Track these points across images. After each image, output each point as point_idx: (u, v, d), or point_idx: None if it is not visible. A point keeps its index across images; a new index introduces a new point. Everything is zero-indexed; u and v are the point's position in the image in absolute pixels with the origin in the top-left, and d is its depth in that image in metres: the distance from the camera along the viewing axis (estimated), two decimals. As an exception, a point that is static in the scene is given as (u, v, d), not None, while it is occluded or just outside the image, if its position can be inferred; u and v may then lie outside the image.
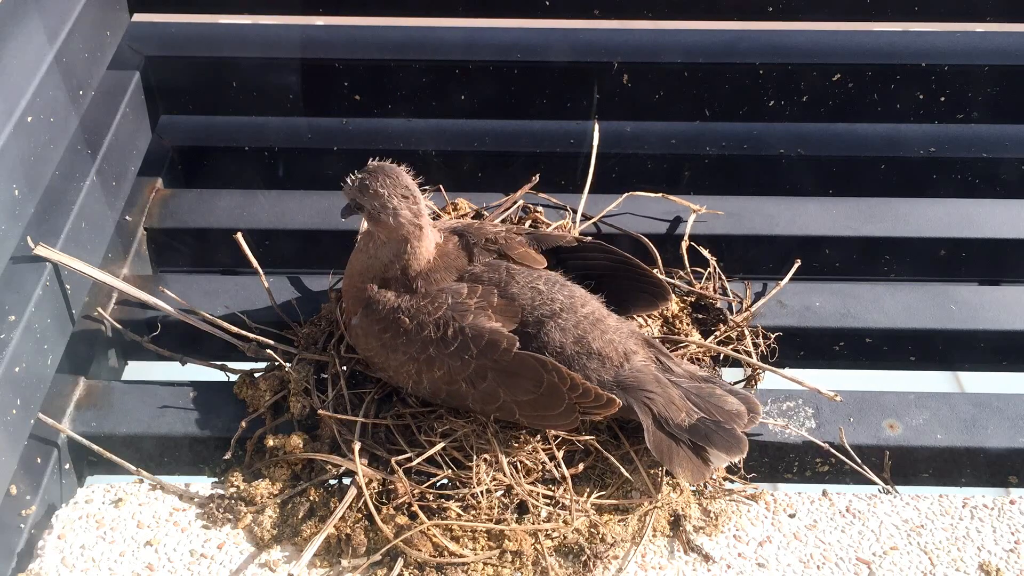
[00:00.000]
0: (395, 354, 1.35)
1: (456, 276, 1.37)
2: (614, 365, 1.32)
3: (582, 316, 1.34)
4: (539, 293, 1.34)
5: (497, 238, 1.41)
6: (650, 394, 1.31)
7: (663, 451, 1.27)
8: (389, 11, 1.87)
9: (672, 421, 1.29)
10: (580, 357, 1.32)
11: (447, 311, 1.32)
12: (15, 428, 1.31)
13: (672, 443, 1.28)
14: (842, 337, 1.60)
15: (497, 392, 1.30)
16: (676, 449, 1.27)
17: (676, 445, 1.28)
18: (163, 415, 1.46)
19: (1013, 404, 1.46)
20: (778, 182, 1.90)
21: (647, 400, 1.30)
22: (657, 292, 1.45)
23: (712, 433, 1.28)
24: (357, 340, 1.41)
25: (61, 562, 1.29)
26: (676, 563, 1.30)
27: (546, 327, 1.32)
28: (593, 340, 1.32)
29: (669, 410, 1.29)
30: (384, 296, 1.36)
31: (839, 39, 1.88)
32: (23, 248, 1.38)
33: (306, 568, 1.28)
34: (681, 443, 1.28)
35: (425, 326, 1.32)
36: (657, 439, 1.28)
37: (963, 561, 1.30)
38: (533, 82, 1.87)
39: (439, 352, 1.31)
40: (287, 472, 1.37)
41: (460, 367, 1.30)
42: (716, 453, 1.28)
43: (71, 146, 1.53)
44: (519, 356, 1.28)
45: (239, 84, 1.86)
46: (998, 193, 1.87)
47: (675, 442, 1.28)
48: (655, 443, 1.28)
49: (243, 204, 1.76)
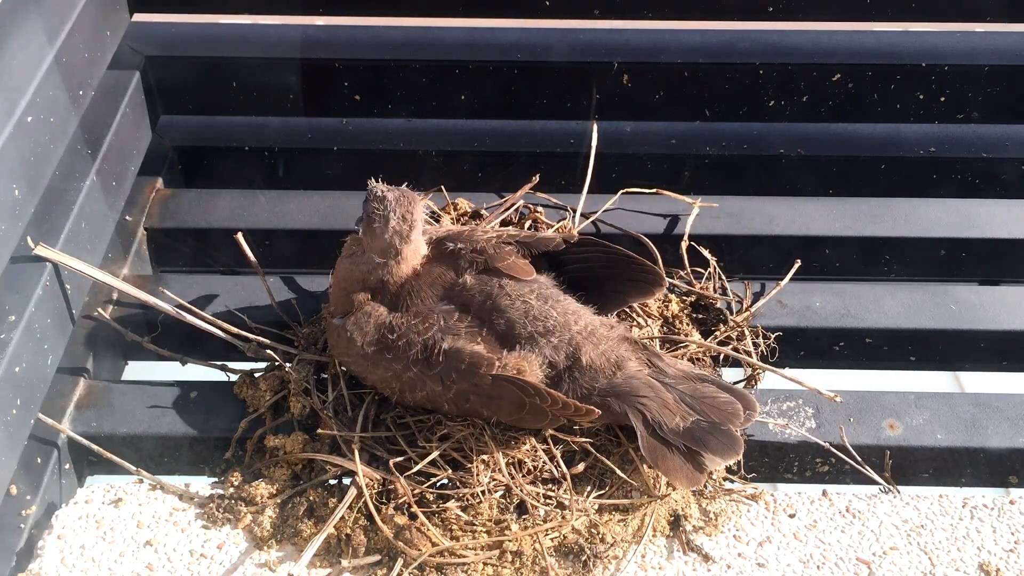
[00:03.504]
0: (377, 368, 1.35)
1: (443, 290, 1.37)
2: (606, 376, 1.32)
3: (575, 332, 1.34)
4: (531, 308, 1.34)
5: (486, 248, 1.39)
6: (643, 400, 1.30)
7: (656, 457, 1.27)
8: (389, 11, 1.87)
9: (666, 426, 1.28)
10: (572, 371, 1.33)
11: (436, 332, 1.32)
12: (15, 428, 1.31)
13: (665, 449, 1.27)
14: (842, 337, 1.60)
15: (480, 411, 1.33)
16: (669, 455, 1.27)
17: (669, 451, 1.27)
18: (163, 415, 1.46)
19: (1013, 404, 1.46)
20: (778, 182, 1.90)
21: (640, 406, 1.30)
22: (651, 279, 1.45)
23: (707, 436, 1.27)
24: (338, 343, 1.39)
25: (61, 562, 1.29)
26: (676, 563, 1.30)
27: (539, 344, 1.33)
28: (584, 355, 1.33)
29: (663, 415, 1.29)
30: (376, 310, 1.36)
31: (839, 39, 1.88)
32: (23, 248, 1.38)
33: (306, 568, 1.28)
34: (675, 448, 1.27)
35: (413, 345, 1.32)
36: (650, 445, 1.27)
37: (963, 561, 1.30)
38: (533, 82, 1.87)
39: (421, 374, 1.32)
40: (287, 472, 1.37)
41: (441, 391, 1.32)
42: (711, 457, 1.26)
43: (71, 146, 1.53)
44: (498, 381, 1.28)
45: (239, 84, 1.86)
46: (998, 193, 1.87)
47: (668, 448, 1.27)
48: (648, 449, 1.27)
49: (243, 204, 1.76)
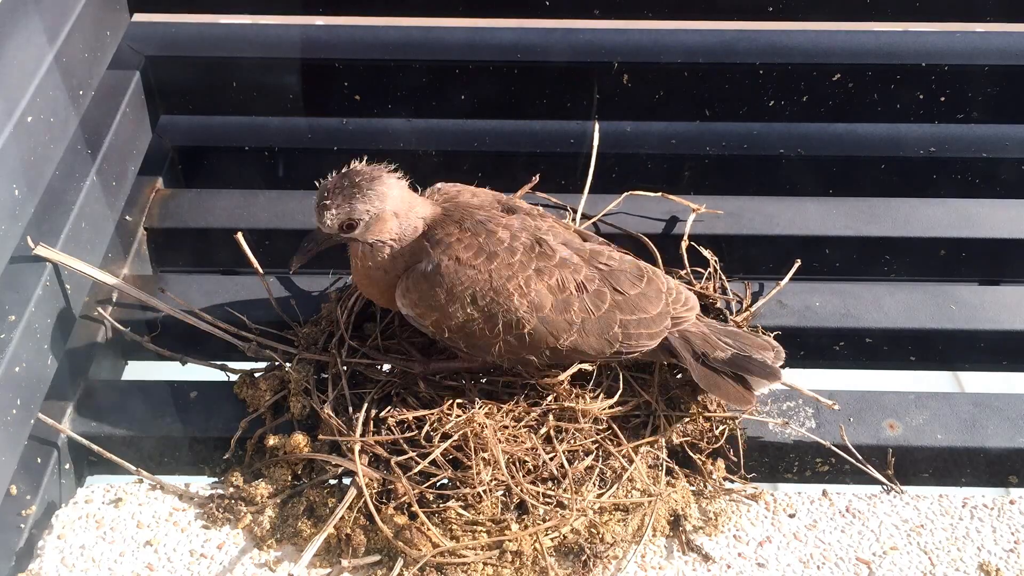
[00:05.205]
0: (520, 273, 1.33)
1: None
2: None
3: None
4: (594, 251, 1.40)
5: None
6: (688, 333, 1.39)
7: (709, 382, 1.36)
8: (389, 11, 1.87)
9: (710, 355, 1.37)
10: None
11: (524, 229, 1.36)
12: (15, 428, 1.31)
13: (716, 375, 1.36)
14: (842, 337, 1.60)
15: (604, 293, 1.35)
16: (721, 380, 1.36)
17: (720, 377, 1.36)
18: (163, 415, 1.46)
19: (1013, 404, 1.46)
20: (778, 182, 1.90)
21: (687, 337, 1.38)
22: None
23: (748, 363, 1.37)
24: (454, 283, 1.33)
25: (61, 562, 1.29)
26: (676, 563, 1.30)
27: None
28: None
29: (706, 347, 1.38)
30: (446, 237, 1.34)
31: (839, 39, 1.88)
32: (23, 248, 1.38)
33: (306, 568, 1.28)
34: (724, 374, 1.36)
35: (517, 238, 1.34)
36: (702, 372, 1.37)
37: (963, 561, 1.30)
38: (533, 82, 1.87)
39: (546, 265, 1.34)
40: (287, 472, 1.37)
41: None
42: (756, 379, 1.36)
43: (71, 146, 1.53)
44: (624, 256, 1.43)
45: (239, 84, 1.86)
46: (998, 193, 1.87)
47: (718, 374, 1.36)
48: (701, 376, 1.36)
49: (243, 204, 1.76)
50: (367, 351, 1.47)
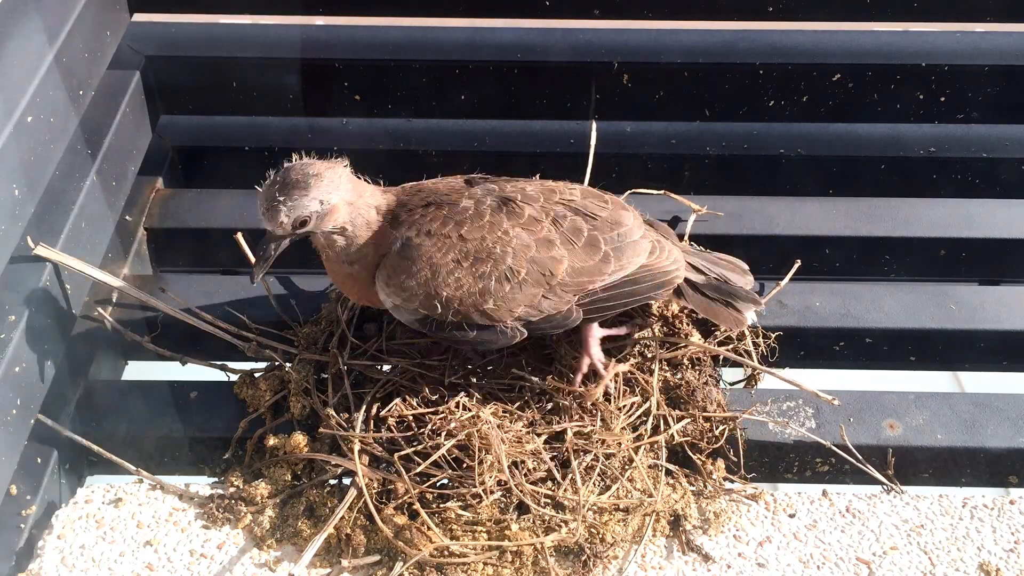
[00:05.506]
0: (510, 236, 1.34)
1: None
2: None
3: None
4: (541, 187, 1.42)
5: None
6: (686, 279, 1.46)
7: (704, 308, 1.45)
8: (389, 11, 1.87)
9: (699, 284, 1.46)
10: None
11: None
12: (15, 428, 1.31)
13: (709, 302, 1.45)
14: (842, 337, 1.60)
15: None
16: (715, 306, 1.45)
17: (713, 303, 1.45)
18: (163, 415, 1.46)
19: (1013, 404, 1.46)
20: (778, 182, 1.90)
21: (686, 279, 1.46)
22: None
23: (733, 292, 1.46)
24: (438, 268, 1.32)
25: (61, 562, 1.29)
26: (676, 563, 1.30)
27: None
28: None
29: (692, 274, 1.46)
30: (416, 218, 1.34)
31: (839, 39, 1.88)
32: (23, 248, 1.38)
33: (306, 568, 1.28)
34: (716, 301, 1.46)
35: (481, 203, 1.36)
36: (698, 301, 1.45)
37: (963, 561, 1.30)
38: (533, 82, 1.87)
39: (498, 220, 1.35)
40: (287, 472, 1.37)
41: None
42: (743, 304, 1.45)
43: (71, 146, 1.53)
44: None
45: (239, 84, 1.86)
46: (998, 193, 1.87)
47: (711, 301, 1.45)
48: (698, 304, 1.45)
49: (243, 204, 1.76)
50: (375, 352, 1.46)
